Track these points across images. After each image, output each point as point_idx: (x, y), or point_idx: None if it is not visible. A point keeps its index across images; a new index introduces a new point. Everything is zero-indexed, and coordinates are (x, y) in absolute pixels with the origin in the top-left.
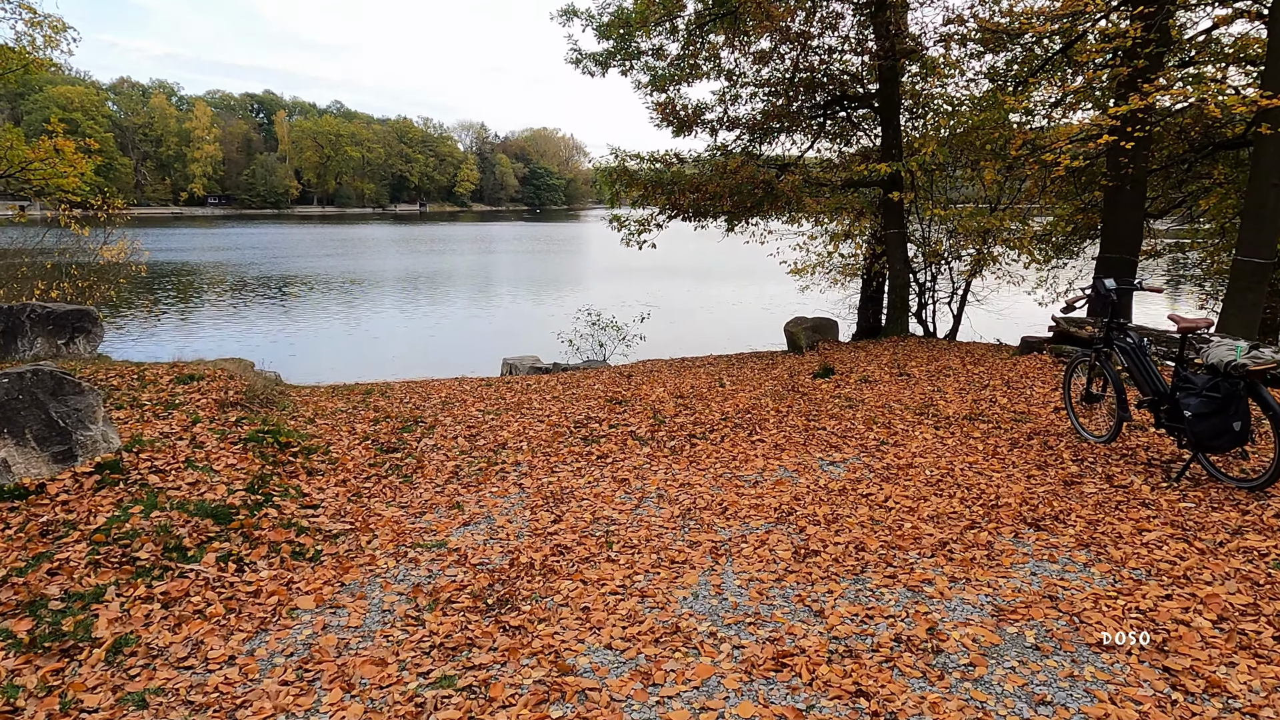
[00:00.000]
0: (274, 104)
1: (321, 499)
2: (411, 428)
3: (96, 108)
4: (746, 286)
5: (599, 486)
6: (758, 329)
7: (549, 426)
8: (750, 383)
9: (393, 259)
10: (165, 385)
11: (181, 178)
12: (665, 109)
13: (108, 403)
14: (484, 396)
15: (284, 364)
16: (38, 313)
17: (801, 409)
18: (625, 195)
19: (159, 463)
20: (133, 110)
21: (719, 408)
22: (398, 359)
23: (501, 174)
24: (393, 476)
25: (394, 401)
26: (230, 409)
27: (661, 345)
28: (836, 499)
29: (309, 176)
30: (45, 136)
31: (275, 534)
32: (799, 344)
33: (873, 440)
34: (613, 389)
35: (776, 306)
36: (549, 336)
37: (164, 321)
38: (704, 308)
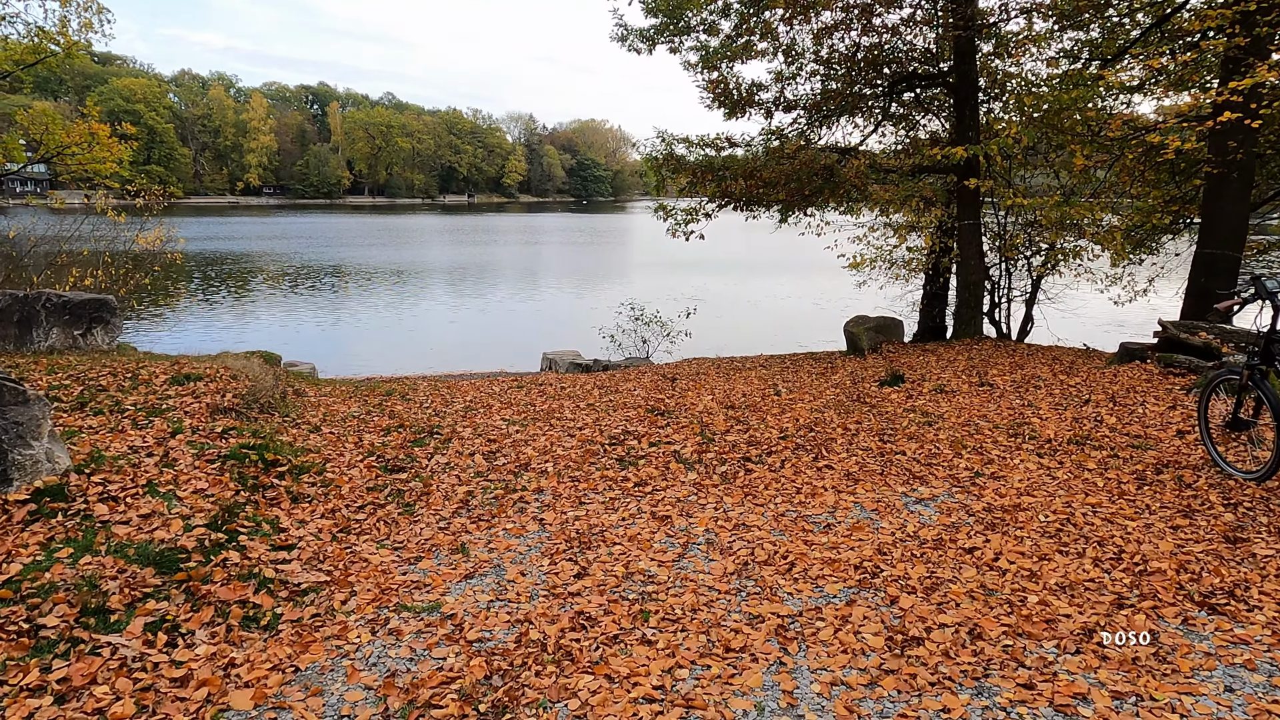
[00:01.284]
0: (328, 95)
1: (299, 536)
2: (425, 440)
3: (158, 99)
4: (795, 281)
5: (635, 525)
6: (809, 326)
7: (580, 442)
8: (809, 391)
9: (440, 249)
10: (158, 386)
11: (238, 168)
12: (717, 88)
13: (85, 408)
14: (512, 401)
15: (322, 354)
16: (53, 302)
17: (873, 426)
18: (672, 183)
19: (114, 487)
20: (192, 102)
21: (776, 422)
22: (435, 350)
23: (549, 165)
24: (392, 505)
25: (413, 406)
26: (222, 416)
27: (708, 342)
28: (932, 554)
29: (360, 167)
30: (80, 120)
31: (228, 590)
32: (860, 346)
33: (964, 470)
34: (654, 396)
35: (828, 302)
36: (591, 331)
37: (203, 310)
38: (751, 302)
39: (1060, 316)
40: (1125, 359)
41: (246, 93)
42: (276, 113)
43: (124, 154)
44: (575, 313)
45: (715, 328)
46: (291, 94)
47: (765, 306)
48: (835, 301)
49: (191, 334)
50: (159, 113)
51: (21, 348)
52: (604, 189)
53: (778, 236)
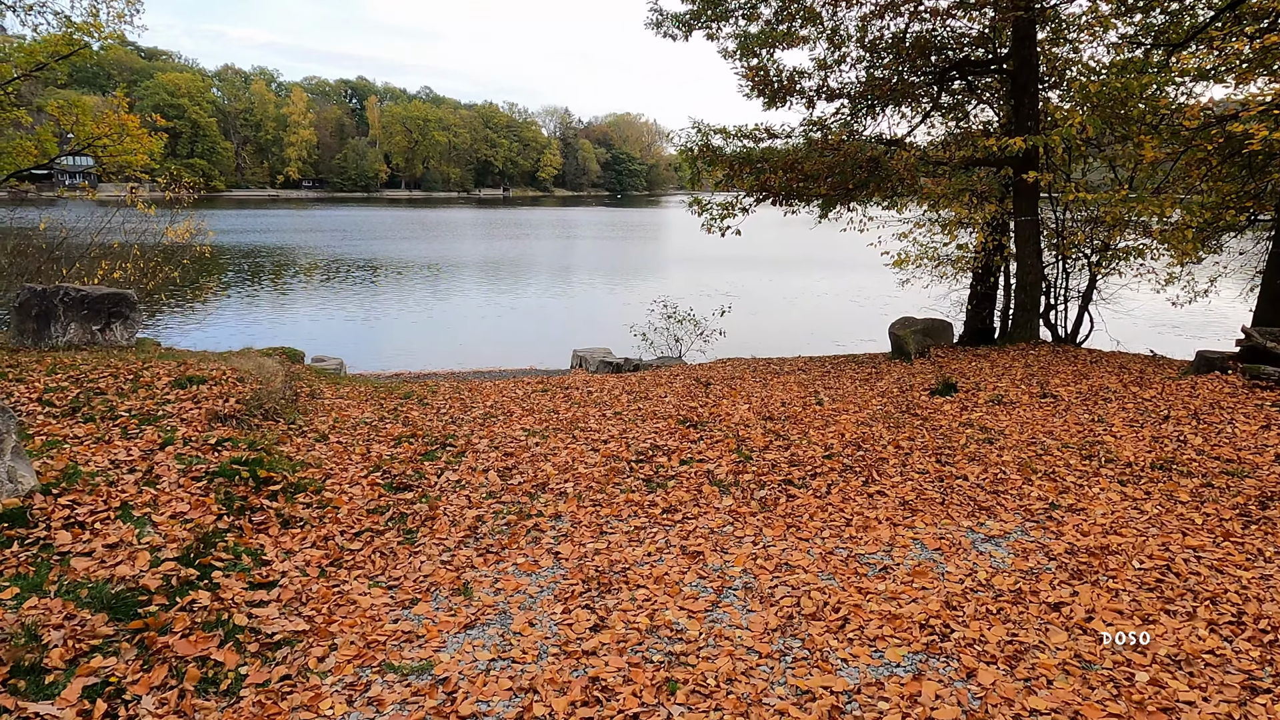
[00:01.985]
0: (366, 90)
1: (282, 571)
2: (436, 453)
3: (201, 93)
4: (832, 278)
5: (662, 562)
6: (847, 324)
7: (604, 458)
8: (854, 400)
9: (474, 243)
10: (159, 389)
11: (278, 161)
12: (756, 75)
13: (76, 414)
14: (534, 408)
15: (353, 349)
16: (71, 296)
17: (927, 442)
18: (707, 176)
19: (83, 510)
20: (234, 96)
21: (819, 437)
22: (465, 346)
23: (584, 159)
24: (392, 532)
25: (430, 411)
26: (220, 424)
27: (742, 341)
28: (1011, 610)
29: (397, 161)
30: (109, 111)
31: (189, 643)
32: (907, 350)
33: (1036, 499)
34: (686, 404)
35: (866, 300)
36: (622, 328)
37: (235, 304)
38: (787, 299)
39: (1113, 318)
40: (1203, 369)
41: (287, 87)
42: (316, 107)
43: (155, 146)
44: (607, 309)
45: (750, 326)
46: (331, 88)
47: (801, 304)
48: (873, 300)
49: (221, 328)
50: (202, 107)
51: (39, 343)
52: (638, 183)
53: (813, 233)
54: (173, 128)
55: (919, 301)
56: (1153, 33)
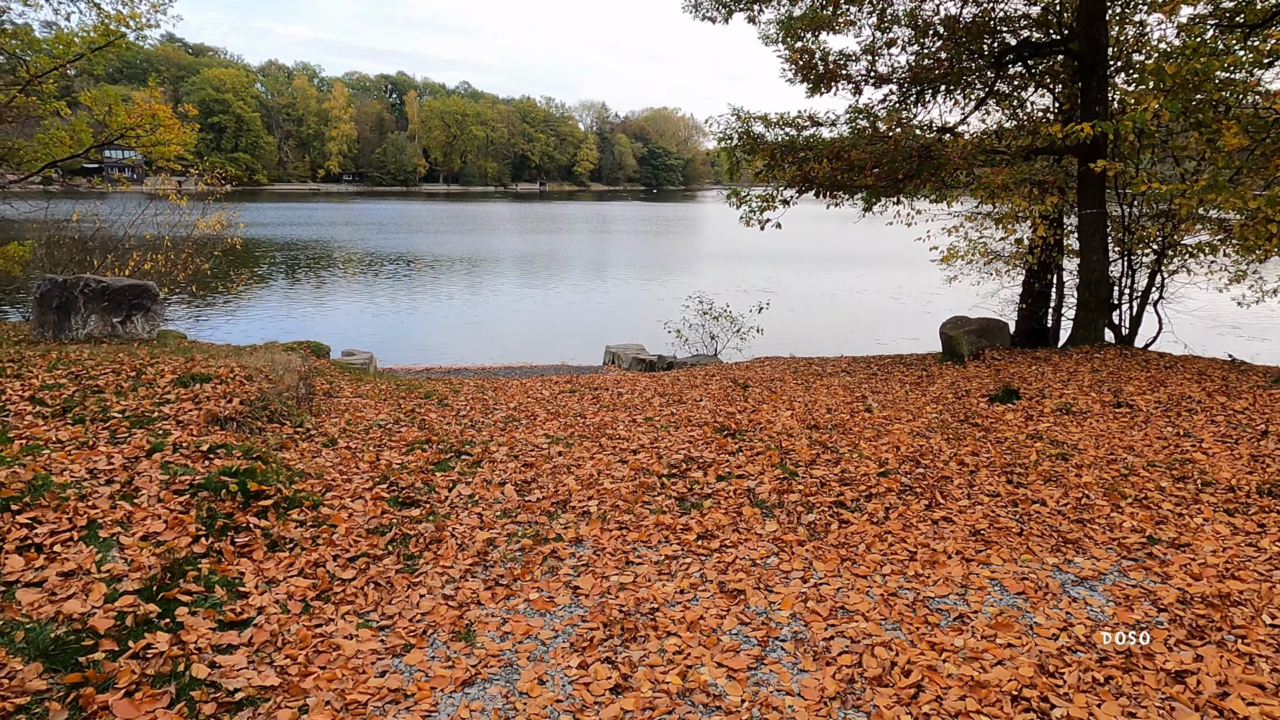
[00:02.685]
0: (406, 85)
1: (259, 607)
2: (450, 462)
3: (246, 89)
4: (871, 274)
5: (697, 603)
6: (888, 322)
7: (633, 471)
8: (906, 407)
9: (509, 237)
10: (160, 388)
11: (319, 155)
12: (801, 59)
13: (67, 415)
14: (560, 410)
15: (385, 343)
16: (92, 287)
17: (993, 459)
18: (747, 166)
19: (43, 530)
20: (277, 91)
21: (872, 450)
22: (497, 341)
23: (620, 154)
24: (392, 558)
25: (449, 413)
26: (218, 428)
27: (780, 339)
28: (1121, 678)
29: (436, 155)
30: (141, 100)
31: (131, 704)
32: (959, 351)
33: (1130, 530)
34: (724, 409)
35: (907, 297)
36: (656, 324)
37: (268, 296)
38: (825, 296)
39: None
40: None
41: (329, 82)
42: (356, 102)
43: (188, 136)
44: (641, 305)
45: (788, 323)
46: (371, 83)
47: (840, 300)
48: (914, 297)
49: (253, 321)
50: (246, 102)
51: (60, 335)
52: (674, 177)
53: (850, 228)
54: (218, 122)
55: (963, 299)
56: (1225, 14)
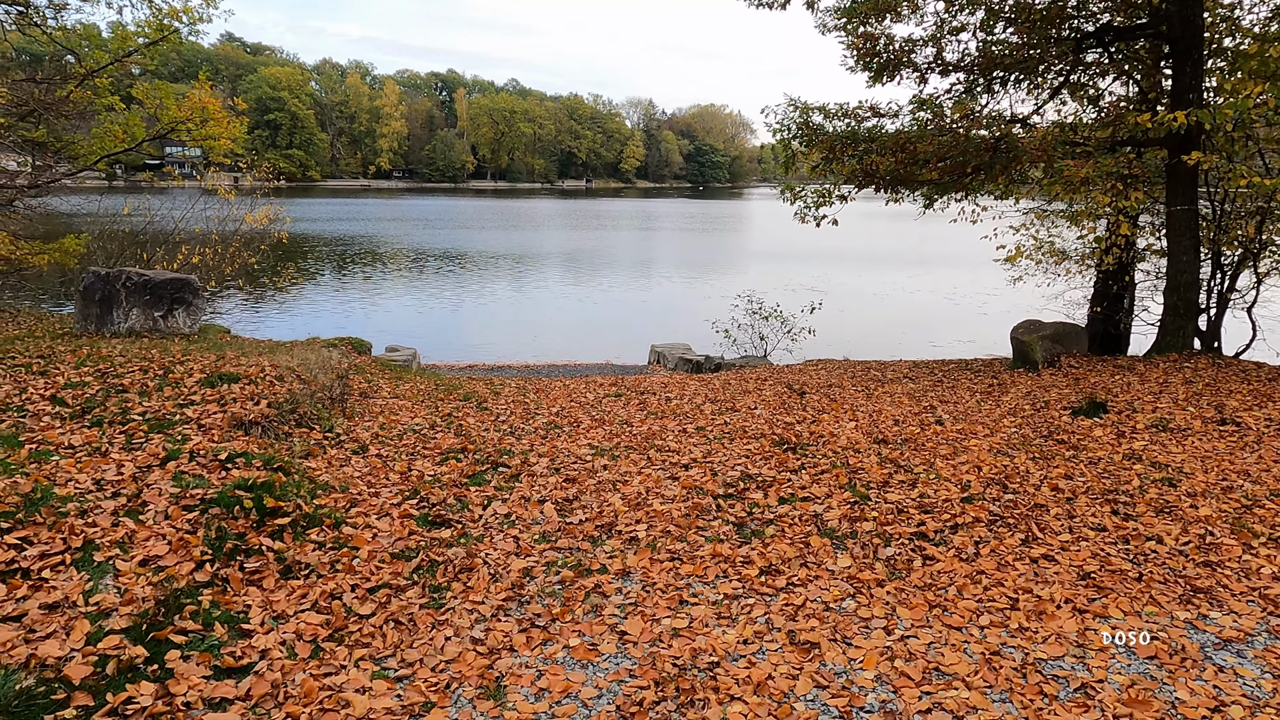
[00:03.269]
0: (455, 82)
1: (263, 650)
2: (486, 475)
3: (301, 87)
4: (923, 274)
5: (764, 658)
6: (943, 324)
7: (685, 490)
8: (980, 419)
9: (555, 233)
10: (186, 388)
11: (370, 152)
12: (864, 45)
13: (86, 417)
14: (605, 417)
15: (429, 339)
16: (133, 281)
17: (1089, 482)
18: (803, 159)
19: (33, 553)
20: (331, 89)
21: (950, 470)
22: (542, 338)
23: (666, 151)
24: (418, 588)
25: (488, 418)
26: (241, 433)
27: (831, 341)
28: None
29: (484, 152)
30: (192, 92)
31: None
32: (1032, 358)
33: (1271, 577)
34: (781, 419)
35: (961, 298)
36: (702, 323)
37: (314, 291)
38: (876, 296)
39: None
40: None
41: (381, 80)
42: (407, 99)
43: (237, 130)
44: (686, 303)
45: (838, 324)
46: (422, 81)
47: (892, 301)
48: (970, 298)
49: (298, 316)
50: (301, 100)
51: (102, 328)
52: (721, 175)
53: (899, 225)
54: (273, 120)
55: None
56: None
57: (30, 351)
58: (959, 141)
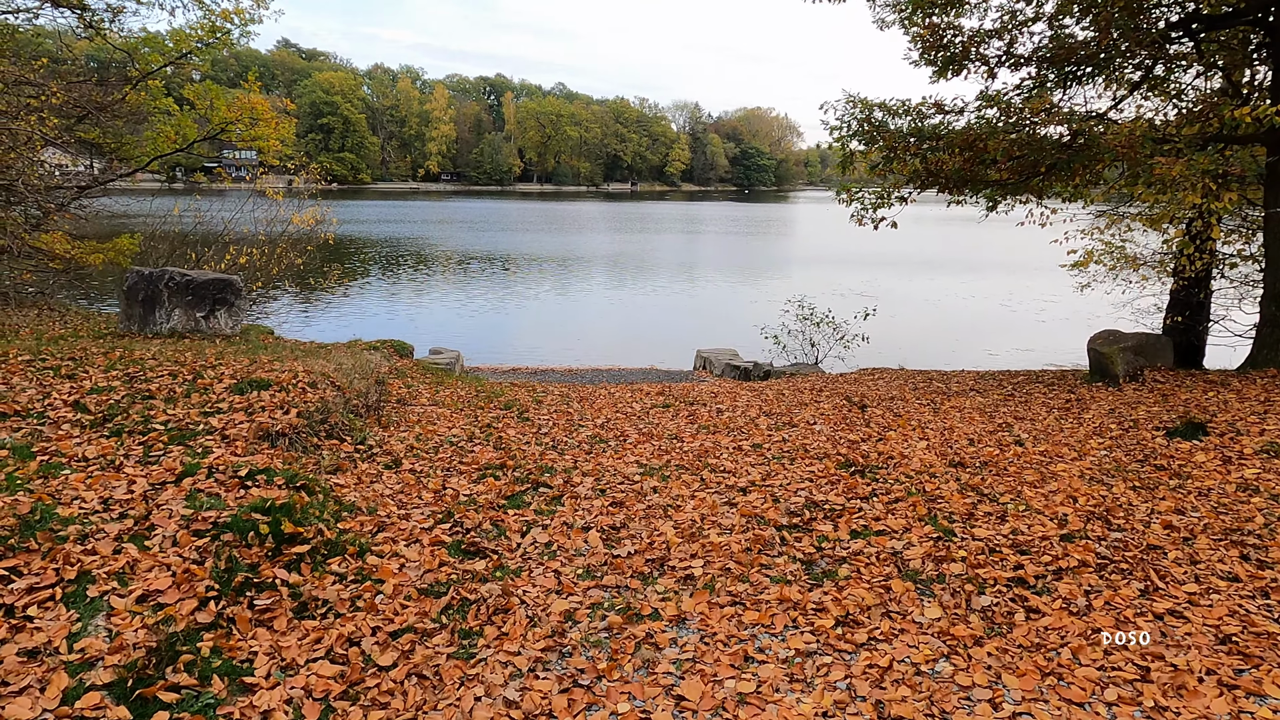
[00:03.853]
0: (503, 86)
1: (265, 710)
2: (526, 496)
3: (353, 91)
4: (976, 279)
5: None
6: (999, 332)
7: (745, 519)
8: (1063, 440)
9: (601, 236)
10: (215, 395)
11: (420, 155)
12: (930, 37)
13: (105, 425)
14: (654, 431)
15: (472, 341)
16: (176, 281)
17: (1205, 518)
18: (861, 159)
19: (21, 585)
20: (382, 94)
21: (1041, 500)
22: (585, 341)
23: (712, 154)
24: (445, 634)
25: (529, 430)
26: (267, 445)
27: (884, 348)
28: None
29: (530, 155)
30: (240, 93)
31: None
32: (1113, 371)
33: None
34: (844, 436)
35: (1017, 304)
36: (749, 328)
37: (360, 292)
38: (929, 301)
39: None
40: None
41: (430, 84)
42: (456, 103)
43: (286, 131)
44: (732, 307)
45: (890, 330)
46: (470, 85)
47: (945, 307)
48: (1026, 304)
49: (343, 316)
50: (353, 104)
51: (145, 328)
52: (767, 178)
53: (949, 229)
54: (326, 124)
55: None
56: None
57: (63, 353)
58: (1033, 139)
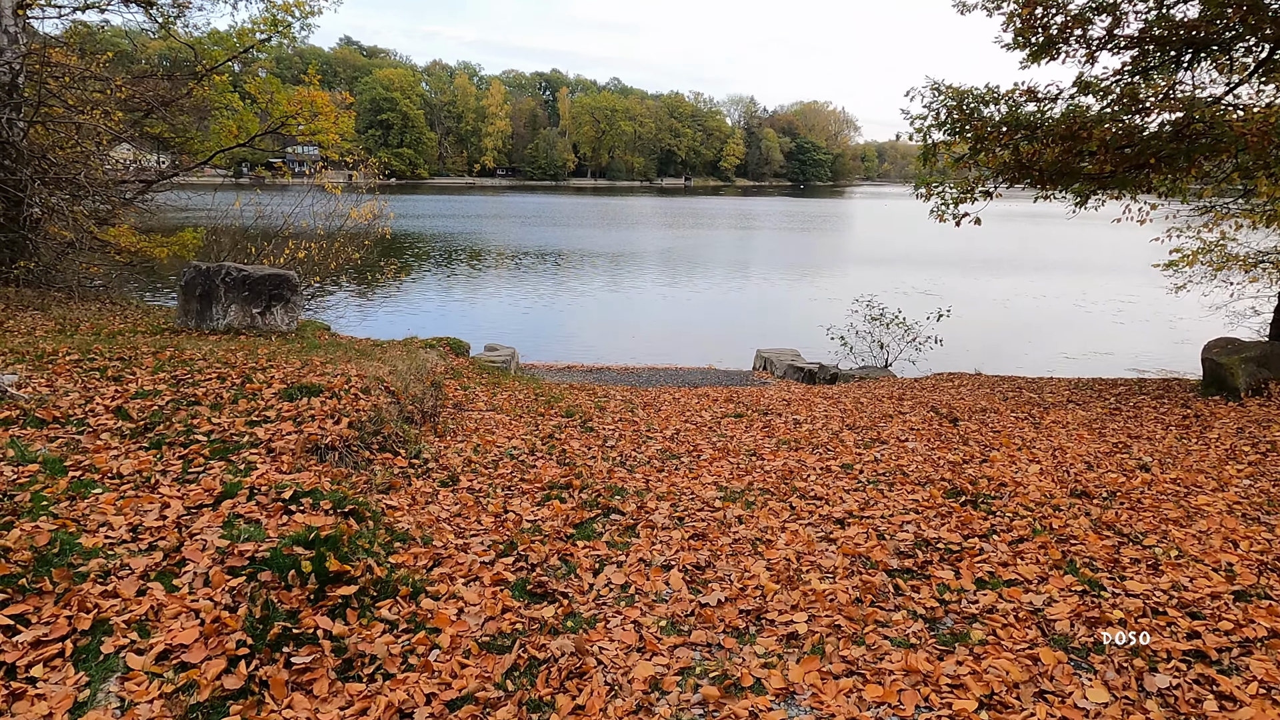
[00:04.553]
0: (559, 82)
1: None
2: (596, 525)
3: (412, 88)
4: (1046, 279)
5: None
6: (1074, 333)
7: (847, 559)
8: (1195, 466)
9: (654, 231)
10: (263, 401)
11: (476, 151)
12: (1027, 17)
13: (146, 435)
14: (728, 445)
15: (527, 337)
16: (232, 276)
17: None
18: (946, 150)
19: (26, 638)
20: (440, 90)
21: (1196, 545)
22: (640, 338)
23: (767, 149)
24: (510, 706)
25: (595, 441)
26: (315, 459)
27: (954, 350)
28: None
29: (585, 150)
30: (301, 87)
31: None
32: (1231, 383)
33: None
34: (943, 457)
35: (1091, 305)
36: (808, 326)
37: (416, 287)
38: (997, 301)
39: None
40: None
41: (487, 80)
42: (512, 99)
43: (345, 125)
44: (789, 305)
45: (959, 331)
46: (526, 81)
47: (1014, 306)
48: (1101, 305)
49: (399, 311)
50: (412, 100)
51: (201, 324)
52: (822, 173)
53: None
54: (385, 120)
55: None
56: None
57: (113, 352)
58: (1139, 128)
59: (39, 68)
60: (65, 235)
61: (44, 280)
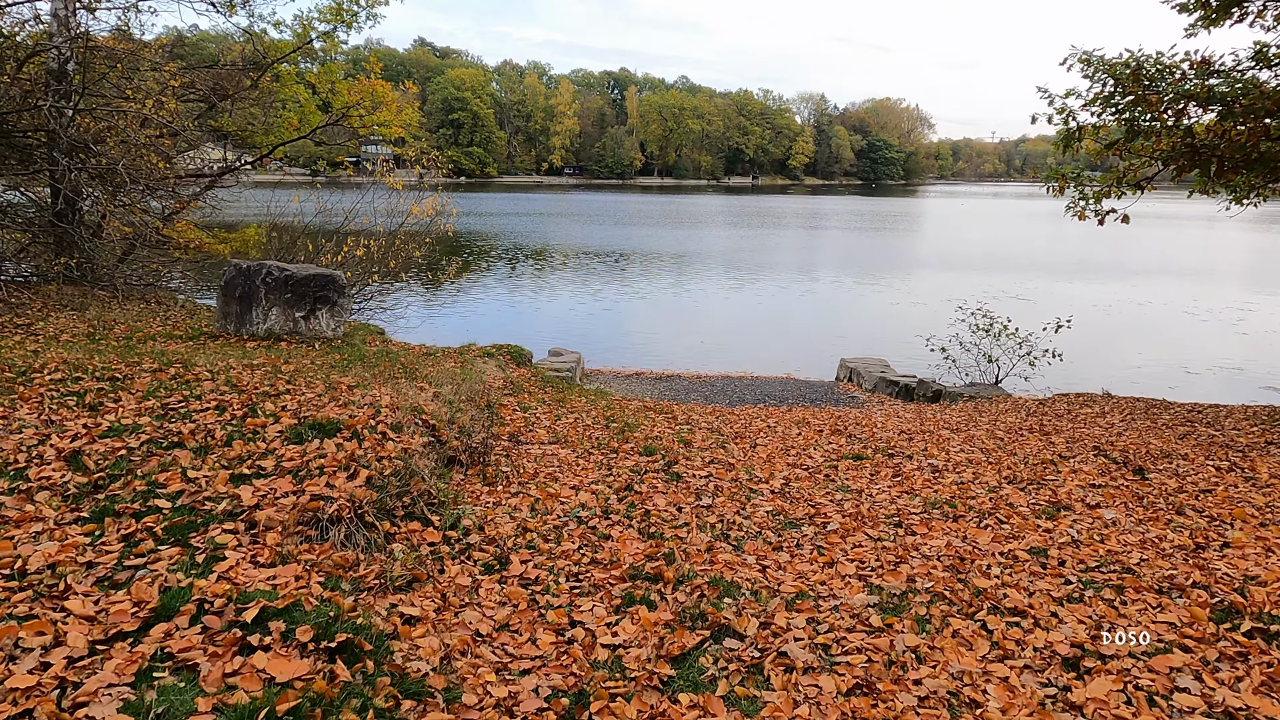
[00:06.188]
0: (627, 80)
1: None
2: (704, 653)
3: (482, 87)
4: (1149, 284)
5: None
6: (1191, 343)
7: None
8: None
9: (722, 230)
10: (265, 444)
11: (544, 149)
12: None
13: (98, 495)
14: (859, 507)
15: (593, 341)
16: (274, 277)
17: None
18: (1092, 135)
19: None
20: (510, 89)
21: None
22: (709, 342)
23: (837, 147)
24: None
25: (686, 494)
26: (306, 548)
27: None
28: None
29: (652, 149)
30: (362, 76)
31: None
32: None
33: None
34: (1162, 536)
35: (1206, 312)
36: (892, 332)
37: (478, 287)
38: (1096, 307)
39: None
40: None
41: (556, 80)
42: (580, 98)
43: (409, 116)
44: (870, 309)
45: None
46: (595, 80)
47: (1117, 313)
48: (1217, 312)
49: (459, 312)
50: (482, 100)
51: (241, 328)
52: (895, 171)
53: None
54: (456, 119)
55: None
56: None
57: (106, 369)
58: None
59: (87, 54)
60: (126, 230)
61: (90, 278)
